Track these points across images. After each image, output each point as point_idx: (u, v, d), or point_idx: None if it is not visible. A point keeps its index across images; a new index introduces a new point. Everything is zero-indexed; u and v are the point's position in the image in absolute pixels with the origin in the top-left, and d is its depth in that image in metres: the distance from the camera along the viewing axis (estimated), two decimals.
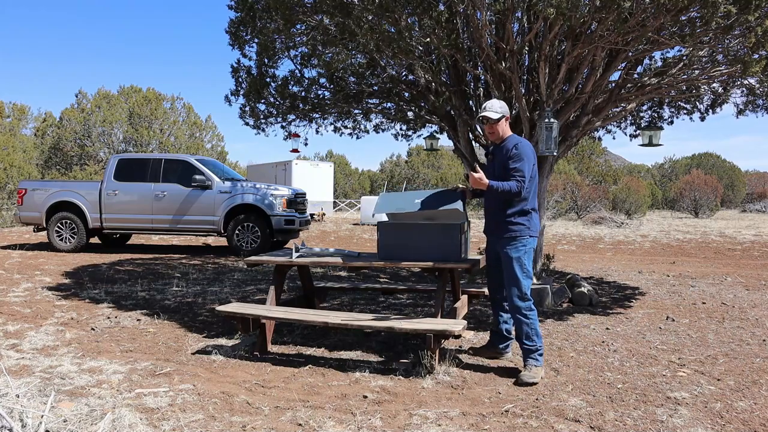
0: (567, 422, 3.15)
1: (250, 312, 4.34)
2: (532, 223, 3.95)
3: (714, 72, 6.03)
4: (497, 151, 4.04)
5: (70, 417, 3.06)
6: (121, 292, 6.98)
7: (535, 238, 4.00)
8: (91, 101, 28.47)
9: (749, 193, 32.08)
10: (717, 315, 5.93)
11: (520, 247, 3.90)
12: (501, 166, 3.95)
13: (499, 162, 3.99)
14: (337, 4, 5.42)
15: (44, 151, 28.03)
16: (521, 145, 3.90)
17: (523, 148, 3.87)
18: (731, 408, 3.36)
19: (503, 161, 3.93)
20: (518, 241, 3.90)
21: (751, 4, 4.49)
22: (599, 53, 5.72)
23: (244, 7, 6.92)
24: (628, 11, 4.64)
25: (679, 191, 26.95)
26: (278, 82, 7.48)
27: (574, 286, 6.59)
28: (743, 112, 7.35)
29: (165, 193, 11.03)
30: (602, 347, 4.65)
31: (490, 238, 4.15)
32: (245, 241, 10.81)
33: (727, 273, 9.14)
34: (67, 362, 4.15)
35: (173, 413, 3.23)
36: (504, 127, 4.01)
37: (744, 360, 4.32)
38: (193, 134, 29.65)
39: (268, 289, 6.18)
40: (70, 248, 11.21)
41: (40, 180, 18.24)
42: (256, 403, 3.41)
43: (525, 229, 3.91)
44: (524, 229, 3.91)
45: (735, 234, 16.79)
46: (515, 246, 3.90)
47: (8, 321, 5.41)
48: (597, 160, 29.73)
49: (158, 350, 4.53)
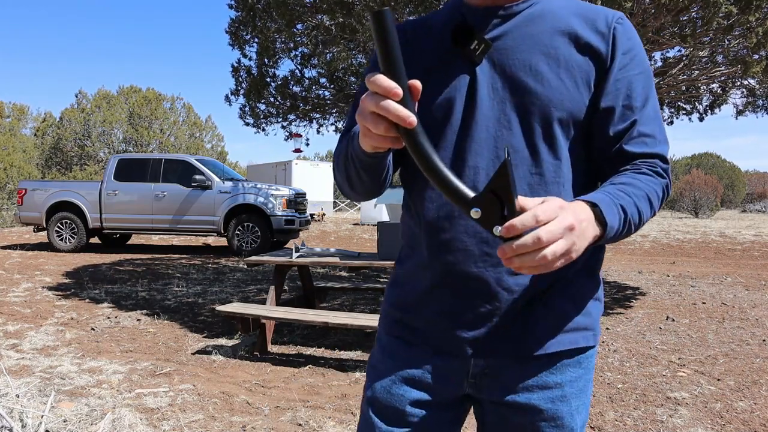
0: None
1: (250, 312, 4.34)
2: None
3: (714, 72, 6.03)
4: (517, 30, 1.03)
5: (70, 417, 3.06)
6: (121, 292, 6.98)
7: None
8: (91, 101, 28.47)
9: (749, 193, 32.09)
10: (717, 315, 5.93)
11: (589, 388, 1.09)
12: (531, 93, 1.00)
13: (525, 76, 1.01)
14: (338, 3, 5.42)
15: (44, 151, 28.03)
16: (636, 33, 1.06)
17: (641, 46, 1.06)
18: (731, 408, 3.36)
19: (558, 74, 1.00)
20: (588, 363, 1.08)
21: (751, 4, 4.50)
22: None
23: (244, 7, 6.91)
24: (628, 11, 4.64)
25: (679, 191, 26.96)
26: (278, 82, 7.48)
27: None
28: (743, 112, 7.35)
29: (165, 193, 11.03)
30: (602, 347, 4.65)
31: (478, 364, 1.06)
32: (245, 241, 10.81)
33: (727, 273, 9.14)
34: (67, 362, 4.15)
35: (173, 413, 3.22)
36: None
37: (744, 360, 4.32)
38: (193, 134, 29.65)
39: (268, 289, 6.19)
40: (70, 248, 11.21)
41: (40, 180, 18.25)
42: (256, 403, 3.41)
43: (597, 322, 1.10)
44: (597, 319, 1.10)
45: (735, 234, 16.79)
46: (584, 380, 1.07)
47: (8, 321, 5.41)
48: None
49: (158, 350, 4.53)
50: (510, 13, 1.03)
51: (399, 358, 1.09)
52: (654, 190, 0.98)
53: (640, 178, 0.97)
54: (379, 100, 0.77)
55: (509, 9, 1.03)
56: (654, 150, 1.01)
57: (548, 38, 1.01)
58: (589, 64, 1.01)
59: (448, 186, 0.79)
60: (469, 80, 1.02)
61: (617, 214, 0.89)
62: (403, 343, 1.10)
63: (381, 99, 0.77)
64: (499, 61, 1.01)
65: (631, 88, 1.01)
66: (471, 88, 1.02)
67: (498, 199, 0.75)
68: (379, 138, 0.81)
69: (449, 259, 1.02)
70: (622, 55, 1.01)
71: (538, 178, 0.99)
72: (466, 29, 1.03)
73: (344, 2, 5.39)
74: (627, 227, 0.92)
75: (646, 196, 0.96)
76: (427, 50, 1.07)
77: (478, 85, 1.02)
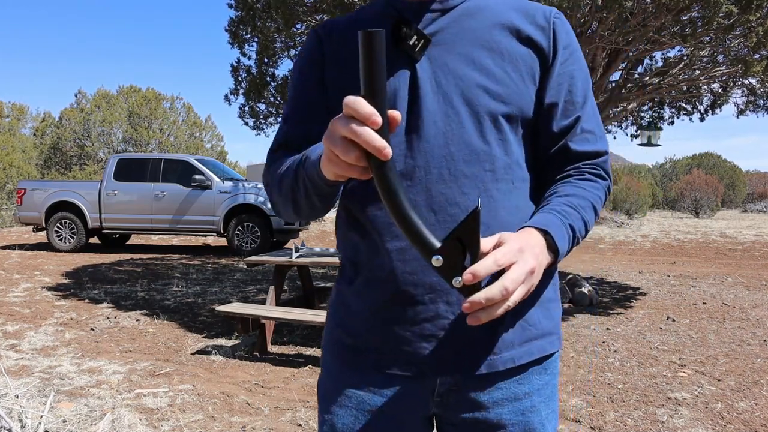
0: (567, 422, 3.14)
1: (250, 312, 4.33)
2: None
3: (715, 72, 6.02)
4: (453, 24, 1.00)
5: (69, 417, 3.05)
6: (120, 292, 6.97)
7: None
8: (91, 101, 28.46)
9: (750, 193, 32.07)
10: (718, 315, 5.92)
11: (556, 394, 1.08)
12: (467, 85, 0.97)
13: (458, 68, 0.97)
14: (337, 3, 5.41)
15: (43, 151, 28.02)
16: (570, 27, 1.07)
17: (577, 43, 1.07)
18: (732, 408, 3.35)
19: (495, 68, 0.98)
20: (554, 367, 1.06)
21: (752, 4, 4.49)
22: (600, 53, 5.71)
23: (244, 6, 6.91)
24: (629, 11, 4.63)
25: (680, 191, 26.95)
26: (278, 82, 7.47)
27: (574, 287, 6.58)
28: (744, 112, 7.35)
29: (165, 193, 11.01)
30: (603, 347, 4.64)
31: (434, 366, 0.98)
32: (245, 241, 10.80)
33: (728, 273, 9.13)
34: (67, 362, 4.14)
35: (173, 413, 3.22)
36: None
37: (745, 360, 4.31)
38: (192, 134, 29.64)
39: (268, 289, 6.18)
40: (70, 248, 11.19)
41: (40, 180, 18.23)
42: (256, 403, 3.40)
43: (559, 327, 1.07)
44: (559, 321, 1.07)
45: (736, 234, 16.79)
46: (551, 386, 1.05)
47: (7, 321, 5.40)
48: None
49: (158, 350, 4.52)
50: (447, 7, 0.99)
51: (355, 388, 1.00)
52: (598, 197, 0.98)
53: (584, 186, 0.98)
54: (355, 126, 0.70)
55: (446, 3, 0.99)
56: (596, 147, 1.01)
57: (489, 32, 0.98)
58: (533, 57, 0.99)
59: (413, 231, 0.74)
60: (410, 77, 0.97)
61: (567, 236, 0.89)
62: (357, 371, 1.00)
63: (357, 124, 0.70)
64: (439, 56, 0.97)
65: (573, 83, 1.01)
66: (413, 85, 0.96)
67: (462, 248, 0.73)
68: (346, 166, 0.74)
69: (405, 270, 0.94)
70: (563, 49, 1.00)
71: (491, 175, 0.95)
72: (403, 25, 0.98)
73: (344, 2, 5.38)
74: (574, 244, 0.93)
75: (591, 206, 0.96)
76: (356, 49, 1.00)
77: (419, 81, 0.96)
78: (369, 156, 0.72)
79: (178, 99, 30.00)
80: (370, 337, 0.99)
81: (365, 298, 1.00)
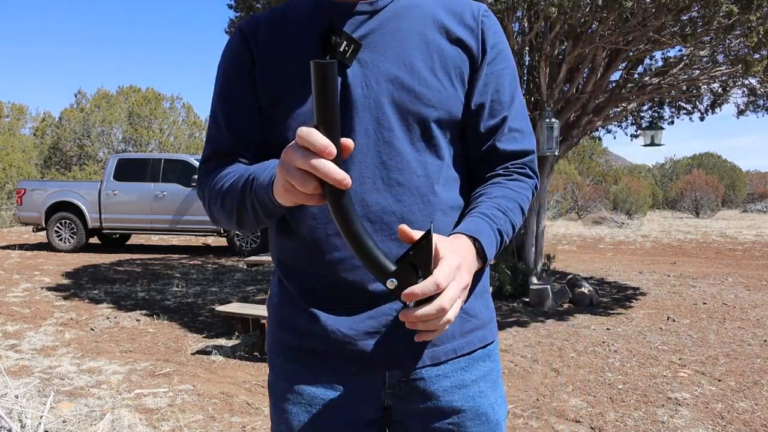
0: (567, 422, 3.14)
1: (250, 312, 4.33)
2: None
3: (715, 72, 6.02)
4: (384, 26, 0.99)
5: (69, 417, 3.05)
6: (120, 292, 6.97)
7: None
8: (91, 101, 28.46)
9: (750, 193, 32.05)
10: (718, 315, 5.92)
11: (501, 380, 1.11)
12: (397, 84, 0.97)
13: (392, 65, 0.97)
14: None
15: (43, 151, 28.02)
16: (501, 29, 1.08)
17: (505, 40, 1.08)
18: (732, 409, 3.35)
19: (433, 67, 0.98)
20: (496, 354, 1.10)
21: (752, 3, 4.49)
22: (600, 53, 5.71)
23: (243, 7, 6.91)
24: (629, 11, 4.63)
25: (680, 191, 26.95)
26: None
27: (574, 287, 6.58)
28: (744, 112, 7.35)
29: (164, 193, 11.01)
30: (603, 347, 4.64)
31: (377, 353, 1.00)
32: (245, 241, 10.80)
33: (728, 273, 9.13)
34: (67, 362, 4.14)
35: (173, 414, 3.21)
36: None
37: (745, 360, 4.31)
38: (192, 134, 29.64)
39: (268, 289, 6.17)
40: (70, 248, 11.19)
41: (40, 180, 18.23)
42: (256, 403, 3.40)
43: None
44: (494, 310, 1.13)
45: (736, 234, 16.78)
46: (495, 372, 1.08)
47: (7, 321, 5.40)
48: (597, 160, 29.74)
49: (158, 350, 4.52)
50: (376, 8, 0.97)
51: (310, 389, 1.00)
52: (525, 197, 1.01)
53: (512, 186, 1.00)
54: (310, 157, 0.70)
55: (375, 4, 0.97)
56: (524, 146, 1.03)
57: (420, 33, 0.97)
58: (462, 58, 0.99)
59: (369, 256, 0.76)
60: (341, 84, 0.95)
61: (495, 242, 0.92)
62: (307, 369, 1.01)
63: (312, 156, 0.70)
64: (371, 59, 0.96)
65: (500, 83, 1.01)
66: (344, 92, 0.95)
67: (415, 270, 0.76)
68: (303, 196, 0.74)
69: (347, 277, 0.96)
70: (490, 49, 1.00)
71: (425, 180, 0.96)
72: (333, 33, 0.96)
73: None
74: (501, 248, 0.95)
75: (519, 207, 0.99)
76: (290, 53, 0.99)
77: (351, 88, 0.95)
78: (324, 184, 0.72)
79: (178, 99, 30.00)
80: (315, 338, 0.99)
81: (307, 299, 1.00)
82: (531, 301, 6.19)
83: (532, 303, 6.16)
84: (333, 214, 0.75)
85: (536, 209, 6.71)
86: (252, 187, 0.89)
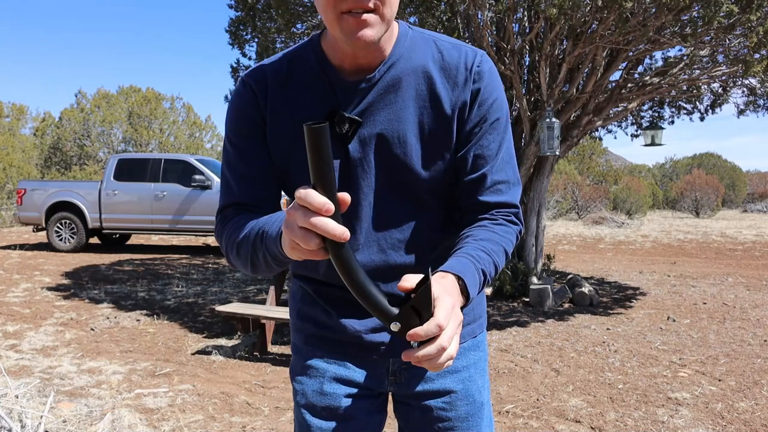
0: (568, 422, 3.14)
1: (250, 312, 4.33)
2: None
3: (715, 72, 6.02)
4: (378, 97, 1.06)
5: (69, 417, 3.05)
6: (120, 292, 6.97)
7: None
8: (91, 101, 28.46)
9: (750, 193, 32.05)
10: (718, 315, 5.92)
11: (486, 368, 1.28)
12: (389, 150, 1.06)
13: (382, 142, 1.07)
14: None
15: (43, 151, 28.02)
16: (496, 78, 1.10)
17: (501, 90, 1.11)
18: (732, 408, 3.35)
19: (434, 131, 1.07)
20: (484, 346, 1.27)
21: (752, 3, 4.49)
22: (600, 53, 5.71)
23: (244, 6, 6.91)
24: (629, 11, 4.63)
25: (680, 191, 26.94)
26: None
27: (575, 287, 6.58)
28: (744, 112, 7.35)
29: (165, 193, 11.01)
30: (603, 347, 4.64)
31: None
32: None
33: (728, 273, 9.13)
34: (67, 363, 4.14)
35: (173, 414, 3.21)
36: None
37: (745, 360, 4.31)
38: (192, 134, 29.64)
39: (268, 289, 6.18)
40: (70, 248, 11.19)
41: (40, 180, 18.22)
42: (256, 403, 3.40)
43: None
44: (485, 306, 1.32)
45: (736, 234, 16.78)
46: (483, 361, 1.25)
47: (7, 321, 5.40)
48: (598, 160, 29.73)
49: (158, 350, 4.52)
50: (372, 82, 1.04)
51: (323, 364, 1.17)
52: (509, 240, 1.07)
53: (497, 230, 1.06)
54: (310, 216, 0.76)
55: (371, 80, 1.04)
56: (506, 198, 1.09)
57: (412, 102, 1.05)
58: (452, 117, 1.05)
59: (372, 302, 0.84)
60: (342, 159, 1.05)
61: (478, 282, 0.98)
62: (325, 352, 1.17)
63: (311, 215, 0.76)
64: (368, 132, 1.04)
65: (486, 137, 1.07)
66: (345, 166, 1.05)
67: (417, 313, 0.82)
68: (307, 252, 0.80)
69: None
70: (478, 107, 1.06)
71: (422, 233, 1.10)
72: (336, 116, 1.04)
73: None
74: (483, 286, 1.02)
75: (503, 250, 1.05)
76: (297, 115, 1.06)
77: (351, 161, 1.05)
78: (325, 239, 0.79)
79: (178, 99, 30.00)
80: (330, 329, 1.15)
81: (323, 299, 1.16)
82: (531, 301, 6.19)
83: (532, 303, 6.16)
84: (336, 265, 0.81)
85: (536, 209, 6.71)
86: (262, 241, 0.96)
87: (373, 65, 1.04)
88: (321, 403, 1.15)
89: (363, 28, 0.94)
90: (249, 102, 1.07)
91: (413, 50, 1.06)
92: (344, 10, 0.93)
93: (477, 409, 1.18)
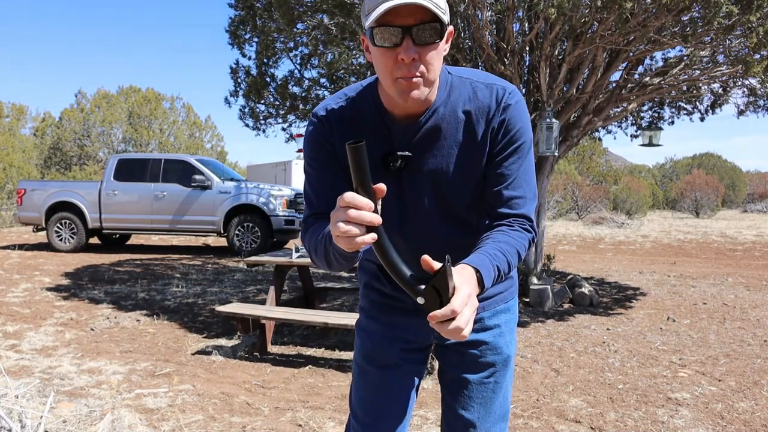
0: (567, 423, 3.14)
1: (250, 312, 4.33)
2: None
3: (715, 72, 6.02)
4: (423, 138, 1.32)
5: (69, 418, 3.05)
6: (120, 292, 6.97)
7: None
8: (91, 101, 28.45)
9: (750, 193, 32.06)
10: (718, 315, 5.92)
11: (515, 326, 1.56)
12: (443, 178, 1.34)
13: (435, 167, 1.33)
14: (337, 4, 5.41)
15: (43, 151, 28.01)
16: (521, 110, 1.33)
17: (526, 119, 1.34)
18: (732, 409, 3.35)
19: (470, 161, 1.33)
20: (515, 308, 1.56)
21: (752, 4, 4.49)
22: (600, 53, 5.71)
23: (244, 6, 6.91)
24: (629, 11, 4.62)
25: (680, 191, 26.94)
26: (278, 83, 7.47)
27: (574, 287, 6.58)
28: (744, 112, 7.35)
29: (165, 193, 11.01)
30: (603, 348, 4.64)
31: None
32: (245, 242, 10.80)
33: (728, 273, 9.13)
34: (67, 363, 4.14)
35: (173, 414, 3.21)
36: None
37: (745, 361, 4.31)
38: (192, 134, 29.63)
39: (268, 289, 6.17)
40: (70, 248, 11.19)
41: (40, 180, 18.21)
42: (256, 403, 3.40)
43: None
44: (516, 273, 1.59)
45: (736, 234, 16.78)
46: (512, 321, 1.54)
47: (7, 321, 5.40)
48: (598, 160, 29.72)
49: (158, 351, 4.52)
50: (422, 123, 1.29)
51: (382, 321, 1.49)
52: (523, 244, 1.28)
53: (513, 235, 1.27)
54: (347, 212, 1.00)
55: (420, 122, 1.29)
56: (521, 211, 1.30)
57: (451, 140, 1.30)
58: (485, 145, 1.30)
59: (402, 278, 1.06)
60: (395, 189, 1.33)
61: (493, 276, 1.17)
62: (384, 311, 1.49)
63: (348, 211, 1.00)
64: (415, 165, 1.31)
65: (508, 159, 1.30)
66: (400, 191, 1.34)
67: (437, 291, 1.01)
68: (352, 241, 1.01)
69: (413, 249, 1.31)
70: (503, 134, 1.29)
71: (457, 239, 1.38)
72: (391, 156, 1.31)
73: (344, 4, 5.37)
74: (498, 280, 1.22)
75: (516, 251, 1.25)
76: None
77: (404, 187, 1.34)
78: (368, 229, 1.01)
79: (178, 99, 29.99)
80: (390, 297, 1.49)
81: (384, 275, 1.49)
82: (531, 301, 6.19)
83: (532, 303, 6.16)
84: (374, 249, 1.05)
85: (536, 209, 6.70)
86: (330, 241, 1.17)
87: (419, 112, 1.28)
88: (379, 354, 1.46)
89: (413, 89, 1.19)
90: (322, 134, 1.33)
91: (452, 94, 1.30)
92: (398, 77, 1.18)
93: (504, 359, 1.47)
